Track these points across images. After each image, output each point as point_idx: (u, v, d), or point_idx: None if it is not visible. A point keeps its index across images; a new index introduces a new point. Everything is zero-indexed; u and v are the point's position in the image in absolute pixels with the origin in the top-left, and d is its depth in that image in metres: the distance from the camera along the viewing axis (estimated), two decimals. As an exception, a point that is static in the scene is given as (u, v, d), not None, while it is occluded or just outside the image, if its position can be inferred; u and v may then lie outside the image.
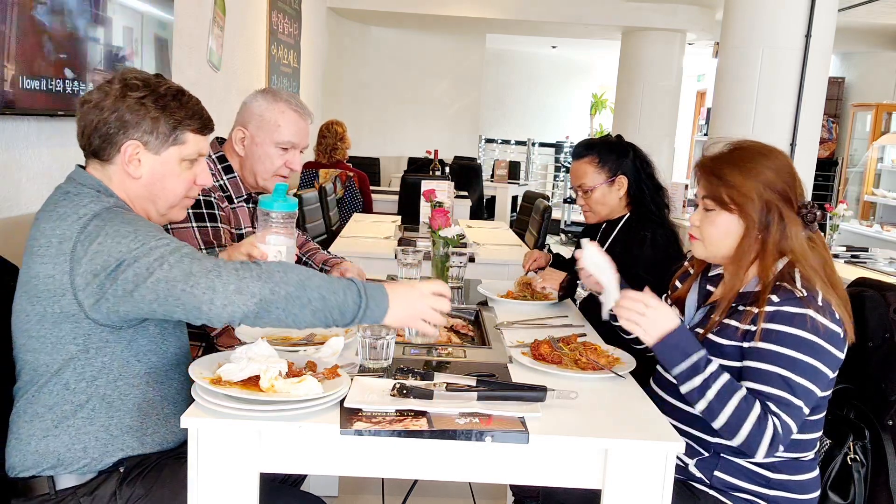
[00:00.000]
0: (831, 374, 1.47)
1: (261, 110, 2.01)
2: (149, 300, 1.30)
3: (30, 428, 1.39)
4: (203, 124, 1.50)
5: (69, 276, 1.32)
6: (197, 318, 1.31)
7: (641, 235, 2.28)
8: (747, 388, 1.46)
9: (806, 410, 1.45)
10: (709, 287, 1.71)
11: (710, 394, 1.45)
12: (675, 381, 1.52)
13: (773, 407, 1.43)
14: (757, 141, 1.64)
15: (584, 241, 1.72)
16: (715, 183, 1.58)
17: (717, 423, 1.46)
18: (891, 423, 1.59)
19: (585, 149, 2.41)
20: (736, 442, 1.45)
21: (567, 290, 2.32)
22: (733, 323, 1.54)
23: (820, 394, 1.47)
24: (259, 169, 2.03)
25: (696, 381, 1.47)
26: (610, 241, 2.36)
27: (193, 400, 1.31)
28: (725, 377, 1.46)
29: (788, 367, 1.44)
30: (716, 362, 1.48)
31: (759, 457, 1.44)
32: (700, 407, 1.47)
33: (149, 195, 1.47)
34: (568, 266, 2.48)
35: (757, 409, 1.43)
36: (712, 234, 1.59)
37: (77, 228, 1.33)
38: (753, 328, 1.49)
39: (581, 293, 2.34)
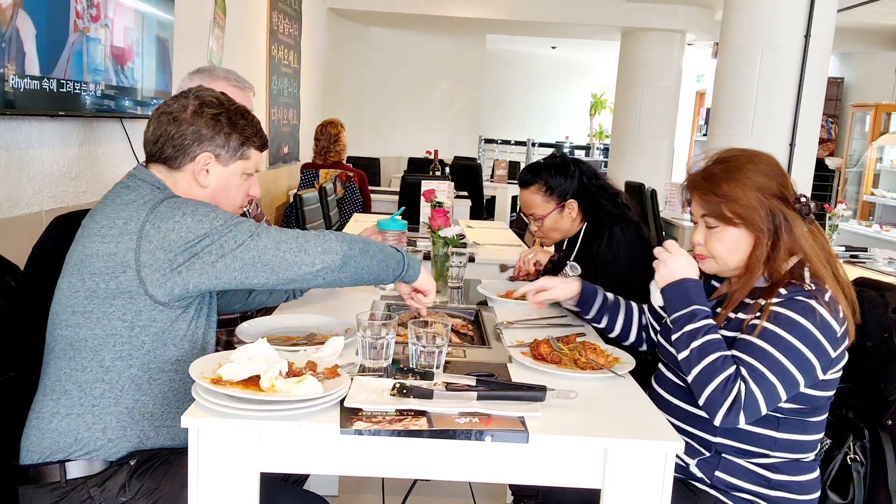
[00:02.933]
0: (819, 367, 1.46)
1: None
2: (232, 268, 1.44)
3: (55, 405, 1.43)
4: (263, 142, 1.64)
5: (134, 252, 1.40)
6: (284, 280, 1.49)
7: (600, 236, 2.27)
8: (732, 355, 1.47)
9: (781, 391, 1.44)
10: (713, 282, 1.72)
11: (695, 344, 1.49)
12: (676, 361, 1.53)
13: (744, 373, 1.44)
14: (738, 148, 1.63)
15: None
16: (713, 201, 1.56)
17: (691, 376, 1.48)
18: (890, 422, 1.60)
19: (531, 176, 2.35)
20: (701, 400, 1.47)
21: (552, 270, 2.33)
22: (739, 315, 1.55)
23: (802, 384, 1.46)
24: None
25: (689, 327, 1.50)
26: (573, 255, 2.34)
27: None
28: (716, 336, 1.49)
29: (774, 343, 1.45)
30: (713, 322, 1.51)
31: (718, 420, 1.45)
32: (682, 355, 1.51)
33: (211, 202, 1.55)
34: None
35: (729, 371, 1.44)
36: (720, 250, 1.58)
37: (146, 210, 1.43)
38: (758, 321, 1.49)
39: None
